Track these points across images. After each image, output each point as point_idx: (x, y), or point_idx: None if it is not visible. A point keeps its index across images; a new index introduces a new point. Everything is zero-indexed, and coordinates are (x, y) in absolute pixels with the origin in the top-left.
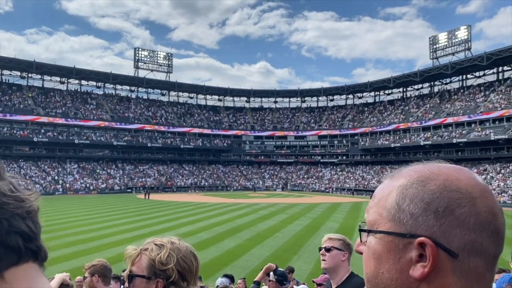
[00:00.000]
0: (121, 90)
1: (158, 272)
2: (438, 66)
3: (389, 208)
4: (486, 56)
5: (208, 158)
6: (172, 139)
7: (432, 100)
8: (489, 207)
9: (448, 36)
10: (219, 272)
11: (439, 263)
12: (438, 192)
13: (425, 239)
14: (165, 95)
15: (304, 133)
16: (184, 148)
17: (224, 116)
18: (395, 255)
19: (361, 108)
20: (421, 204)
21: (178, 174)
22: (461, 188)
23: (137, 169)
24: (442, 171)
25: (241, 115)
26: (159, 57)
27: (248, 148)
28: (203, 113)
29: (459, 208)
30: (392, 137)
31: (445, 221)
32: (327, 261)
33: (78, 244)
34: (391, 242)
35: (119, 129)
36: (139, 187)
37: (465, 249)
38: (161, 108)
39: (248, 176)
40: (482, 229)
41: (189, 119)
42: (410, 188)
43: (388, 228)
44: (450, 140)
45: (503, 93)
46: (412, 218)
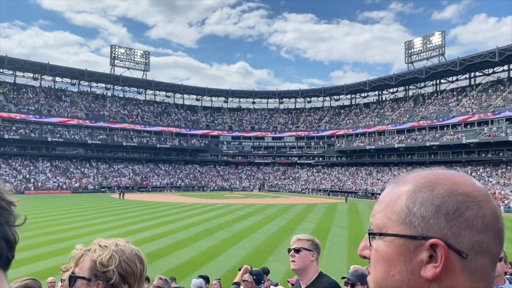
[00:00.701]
0: (96, 88)
1: (99, 274)
2: (413, 70)
3: (398, 212)
4: (459, 61)
5: (185, 158)
6: (148, 138)
7: (406, 104)
8: (492, 210)
9: (423, 41)
10: (194, 273)
11: (450, 263)
12: (447, 196)
13: (437, 241)
14: (142, 93)
15: (282, 134)
16: (160, 147)
17: (202, 116)
18: (406, 257)
19: (337, 110)
20: (432, 207)
21: (154, 174)
22: (468, 192)
23: (111, 168)
24: (447, 177)
25: (219, 115)
26: (136, 55)
27: (225, 148)
28: (180, 112)
29: (468, 210)
30: (368, 140)
31: (455, 223)
32: (296, 262)
33: (50, 245)
34: (402, 244)
35: (94, 127)
36: (113, 186)
37: (474, 249)
38: (137, 107)
39: (225, 176)
40: (489, 230)
41: (166, 118)
42: (419, 192)
43: (399, 231)
44: (424, 143)
45: (474, 98)
46: (423, 221)
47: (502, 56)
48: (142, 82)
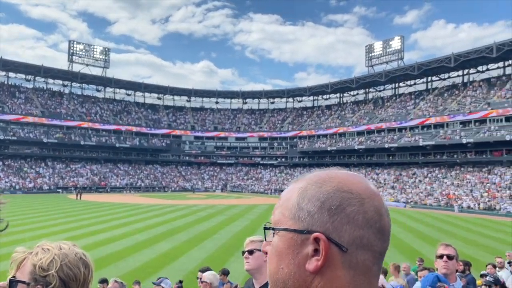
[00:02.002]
0: (53, 85)
1: (38, 278)
2: (373, 74)
3: (290, 207)
4: (417, 66)
5: (145, 158)
6: (107, 137)
7: (366, 106)
8: (375, 207)
9: (383, 45)
10: (154, 275)
11: (331, 257)
12: (332, 192)
13: (319, 234)
14: (101, 91)
15: (245, 135)
16: (119, 147)
17: (163, 115)
18: (294, 251)
19: (300, 111)
20: (317, 203)
21: (113, 174)
22: (352, 190)
23: (68, 168)
24: (338, 175)
25: (181, 114)
26: (96, 51)
27: (187, 148)
28: (141, 111)
29: (350, 206)
30: (329, 141)
31: (337, 218)
32: (250, 263)
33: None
34: (291, 238)
35: (50, 126)
36: (70, 187)
37: (354, 243)
38: (96, 105)
39: (187, 177)
40: (369, 226)
41: (126, 117)
42: (309, 189)
43: (289, 226)
44: (383, 145)
45: (431, 101)
46: (309, 216)
47: (457, 62)
48: (102, 80)
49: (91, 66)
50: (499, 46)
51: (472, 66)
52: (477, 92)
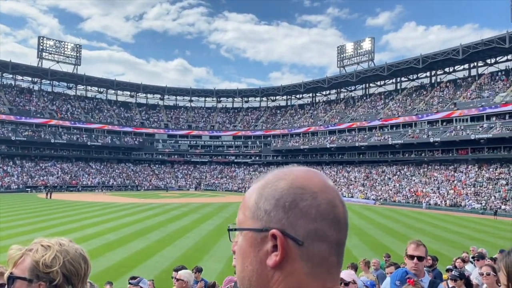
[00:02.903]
0: (21, 81)
1: (41, 275)
2: (344, 74)
3: (250, 207)
4: (386, 67)
5: (118, 156)
6: (78, 135)
7: (338, 106)
8: (328, 199)
9: (354, 46)
10: (127, 274)
11: (289, 251)
12: (286, 189)
13: (275, 231)
14: (72, 88)
15: (219, 133)
16: (91, 145)
17: (136, 113)
18: (255, 249)
19: (274, 110)
20: (273, 201)
21: (84, 173)
22: (304, 185)
23: (38, 167)
24: (292, 172)
25: (155, 112)
26: (67, 48)
27: (161, 146)
28: (113, 109)
29: (302, 201)
30: (302, 140)
31: (291, 214)
32: None
33: None
34: (252, 237)
35: (18, 123)
36: (40, 186)
37: (309, 236)
38: (67, 102)
39: (160, 175)
40: (323, 218)
41: (98, 115)
42: (266, 188)
43: (249, 225)
44: (353, 143)
45: (400, 101)
46: (266, 214)
47: (425, 63)
48: (73, 77)
49: (62, 63)
50: (465, 48)
51: (439, 67)
52: (444, 93)
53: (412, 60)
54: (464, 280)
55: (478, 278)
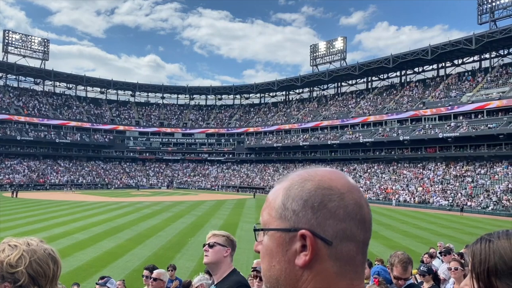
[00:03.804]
0: None
1: (6, 275)
2: (317, 73)
3: (276, 208)
4: (358, 66)
5: (87, 154)
6: (46, 132)
7: (311, 104)
8: (355, 200)
9: (327, 45)
10: (96, 274)
11: (318, 251)
12: (313, 190)
13: (305, 231)
14: (40, 84)
15: (192, 131)
16: (59, 142)
17: (107, 109)
18: (283, 249)
19: (247, 108)
20: (301, 202)
21: (53, 171)
22: (332, 186)
23: (3, 165)
24: (318, 173)
25: (125, 109)
26: (34, 42)
27: (132, 144)
28: (83, 105)
29: (331, 202)
30: (275, 138)
31: (320, 214)
32: (209, 256)
33: None
34: (280, 237)
35: None
36: (5, 184)
37: (338, 236)
38: (34, 98)
39: (131, 173)
40: (350, 218)
41: (67, 112)
42: (292, 189)
43: (277, 225)
44: (326, 141)
45: (371, 100)
46: (294, 214)
47: (395, 63)
48: (40, 72)
49: (29, 57)
50: (433, 49)
51: (409, 67)
52: (413, 92)
53: (383, 59)
54: (432, 275)
55: (445, 272)
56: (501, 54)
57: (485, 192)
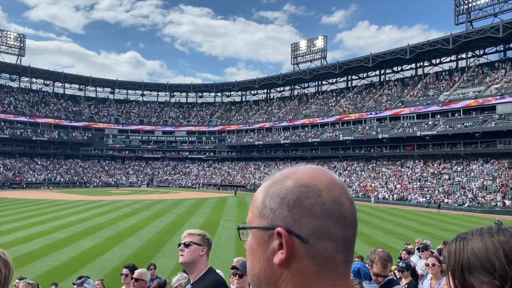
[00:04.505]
0: None
1: None
2: (298, 71)
3: (257, 206)
4: (338, 65)
5: (65, 152)
6: (22, 129)
7: (292, 103)
8: (333, 197)
9: (307, 44)
10: (74, 274)
11: (294, 249)
12: (291, 188)
13: (280, 229)
14: (16, 80)
15: (173, 129)
16: (36, 140)
17: (85, 107)
18: (263, 247)
19: (229, 106)
20: (278, 199)
21: (29, 169)
22: (309, 183)
23: None
24: (299, 171)
25: (104, 106)
26: (9, 37)
27: (111, 142)
28: (61, 102)
29: (307, 199)
30: (256, 136)
31: (296, 212)
32: (185, 256)
33: None
34: (260, 235)
35: None
36: None
37: (314, 234)
38: (9, 95)
39: (111, 171)
40: (328, 216)
41: (44, 109)
42: (272, 187)
43: (257, 224)
44: (306, 139)
45: (351, 99)
46: (271, 212)
47: (374, 62)
48: (16, 68)
49: (4, 53)
50: (412, 49)
51: (388, 66)
52: (392, 91)
53: (362, 59)
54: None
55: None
56: (477, 54)
57: (461, 189)
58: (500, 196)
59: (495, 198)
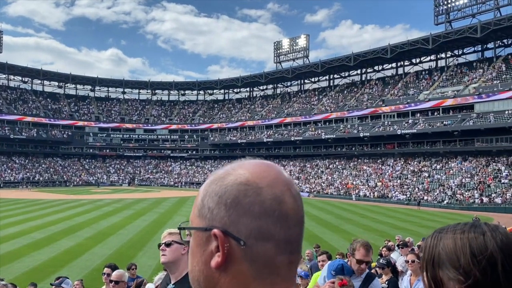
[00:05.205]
0: None
1: None
2: (281, 70)
3: (198, 205)
4: (320, 64)
5: (44, 150)
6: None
7: (275, 101)
8: (274, 195)
9: (290, 42)
10: (54, 274)
11: (232, 252)
12: (230, 186)
13: (216, 231)
14: None
15: (154, 127)
16: (14, 138)
17: (65, 104)
18: (201, 249)
19: (211, 104)
20: (216, 198)
21: (7, 168)
22: (249, 180)
23: None
24: (242, 166)
25: (85, 104)
26: None
27: (91, 140)
28: (40, 100)
29: (245, 198)
30: (239, 134)
31: (233, 212)
32: (167, 256)
33: None
34: (198, 236)
35: None
36: None
37: (252, 235)
38: None
39: (91, 170)
40: (267, 215)
41: (22, 106)
42: (212, 184)
43: (196, 224)
44: (289, 138)
45: (333, 98)
46: (209, 212)
47: (356, 61)
48: None
49: None
50: (393, 48)
51: (369, 65)
52: (373, 90)
53: (344, 58)
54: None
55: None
56: (456, 54)
57: (440, 187)
58: (478, 193)
59: (473, 195)
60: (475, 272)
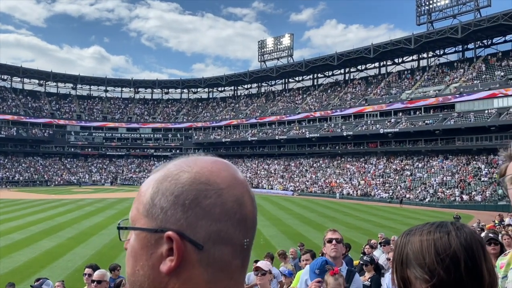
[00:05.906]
0: None
1: None
2: (265, 68)
3: (145, 203)
4: (304, 63)
5: (24, 149)
6: None
7: (259, 100)
8: (235, 197)
9: (274, 41)
10: (34, 275)
11: (186, 256)
12: (187, 185)
13: (171, 233)
14: None
15: (137, 125)
16: None
17: (46, 103)
18: (147, 252)
19: (195, 103)
20: (171, 198)
21: None
22: (210, 180)
23: None
24: (197, 164)
25: (66, 102)
26: None
27: (73, 139)
28: (19, 98)
29: (206, 199)
30: (224, 133)
31: (192, 213)
32: None
33: None
34: (144, 238)
35: None
36: None
37: (211, 239)
38: None
39: (73, 169)
40: (228, 218)
41: (1, 105)
42: (164, 181)
43: (143, 224)
44: (273, 136)
45: (317, 97)
46: (162, 212)
47: (339, 61)
48: None
49: None
50: (375, 48)
51: (352, 65)
52: (356, 89)
53: (328, 57)
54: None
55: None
56: (437, 54)
57: (422, 185)
58: (459, 191)
59: (454, 193)
60: (439, 271)
